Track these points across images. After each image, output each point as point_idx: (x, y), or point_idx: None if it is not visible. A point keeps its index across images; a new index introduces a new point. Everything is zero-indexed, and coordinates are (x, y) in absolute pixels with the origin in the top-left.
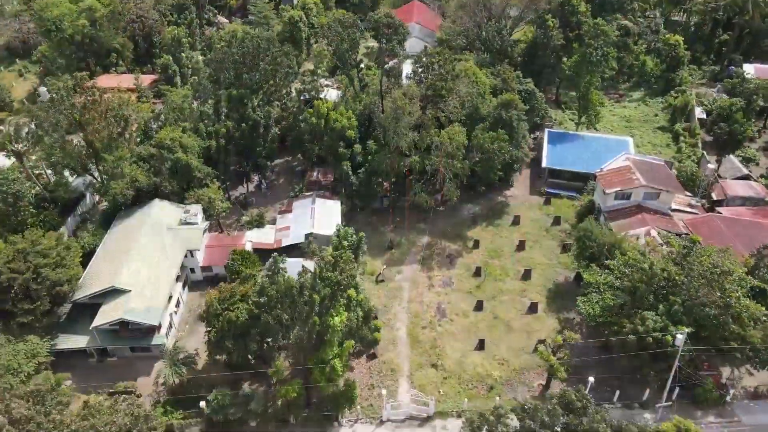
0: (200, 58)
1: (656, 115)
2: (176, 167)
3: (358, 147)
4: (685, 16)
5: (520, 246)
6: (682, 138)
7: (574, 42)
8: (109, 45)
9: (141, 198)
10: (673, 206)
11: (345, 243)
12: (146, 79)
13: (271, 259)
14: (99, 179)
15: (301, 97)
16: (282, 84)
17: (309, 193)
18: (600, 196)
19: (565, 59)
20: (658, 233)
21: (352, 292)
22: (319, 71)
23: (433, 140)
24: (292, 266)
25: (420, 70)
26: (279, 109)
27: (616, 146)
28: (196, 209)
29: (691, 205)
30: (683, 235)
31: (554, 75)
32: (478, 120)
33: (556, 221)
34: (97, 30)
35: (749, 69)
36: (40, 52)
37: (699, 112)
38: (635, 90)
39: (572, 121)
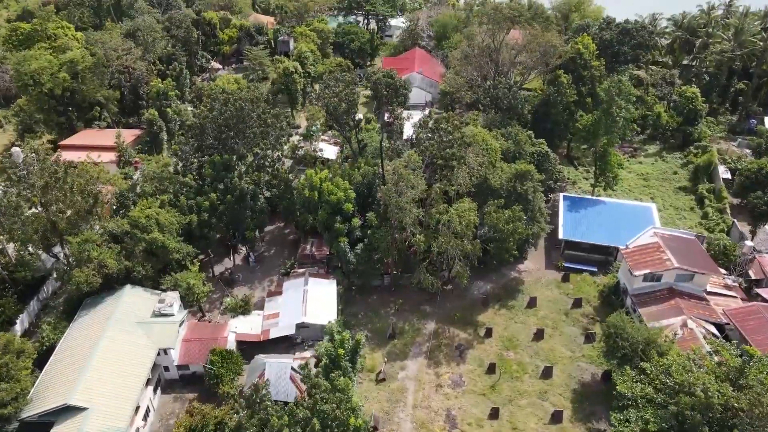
0: (190, 109)
1: (675, 172)
2: (151, 249)
3: (356, 221)
4: (696, 62)
5: (538, 334)
6: (707, 201)
7: (587, 97)
8: (93, 98)
9: (111, 282)
10: (708, 288)
11: (341, 350)
12: (130, 135)
13: (250, 387)
14: (64, 261)
15: (296, 153)
16: (271, 149)
17: (302, 270)
18: (626, 276)
19: (578, 116)
20: (697, 326)
21: (352, 419)
22: (312, 132)
23: (441, 217)
24: (280, 370)
25: (424, 135)
26: (269, 176)
27: (639, 214)
28: (173, 298)
29: (727, 286)
30: (725, 326)
31: (566, 131)
32: (489, 192)
33: (577, 303)
34: (79, 83)
35: None
36: (18, 106)
37: (723, 171)
38: (650, 143)
39: (586, 180)
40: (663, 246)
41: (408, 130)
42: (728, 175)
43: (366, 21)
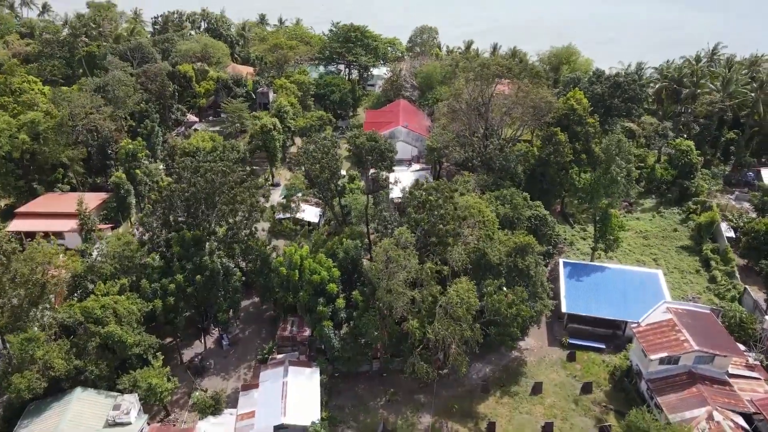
0: (162, 168)
1: (675, 230)
2: (107, 344)
3: (341, 302)
4: (685, 112)
5: (547, 428)
6: (713, 263)
7: (582, 153)
8: (56, 159)
9: (59, 383)
10: (730, 369)
11: None
12: (95, 199)
13: None
14: (6, 360)
15: (276, 216)
16: (244, 225)
17: (281, 357)
18: (639, 358)
19: (574, 174)
20: (724, 418)
21: None
22: (291, 194)
23: (440, 299)
24: None
25: (413, 207)
26: (243, 248)
27: (646, 281)
28: (130, 403)
29: (749, 366)
30: (754, 416)
31: (562, 189)
32: (487, 268)
33: (586, 388)
34: (41, 144)
35: (767, 174)
36: None
37: (725, 229)
38: (646, 197)
39: (584, 240)
40: (678, 324)
41: (396, 192)
42: (731, 233)
43: (348, 70)
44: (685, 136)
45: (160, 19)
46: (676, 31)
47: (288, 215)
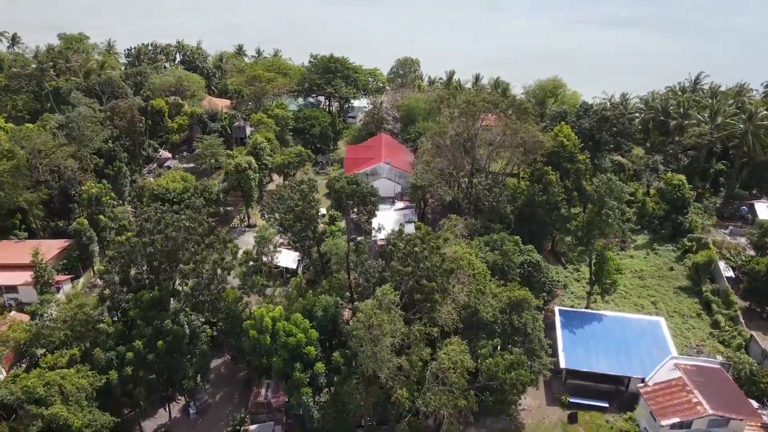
0: (130, 210)
1: (671, 268)
2: (51, 428)
3: (320, 366)
4: (673, 144)
5: None
6: (714, 307)
7: (573, 191)
8: (13, 203)
9: None
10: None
11: None
12: (55, 246)
13: None
14: None
15: (250, 261)
16: (210, 284)
17: (254, 429)
18: (648, 422)
19: (564, 211)
20: None
21: None
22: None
23: (427, 364)
24: None
25: (397, 256)
26: (210, 302)
27: (648, 331)
28: None
29: (764, 426)
30: None
31: (553, 228)
32: (480, 327)
33: None
34: None
35: (761, 209)
36: None
37: (724, 268)
38: (638, 233)
39: (577, 281)
40: (689, 384)
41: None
42: (731, 273)
43: (328, 102)
44: (674, 167)
45: (133, 51)
46: (655, 59)
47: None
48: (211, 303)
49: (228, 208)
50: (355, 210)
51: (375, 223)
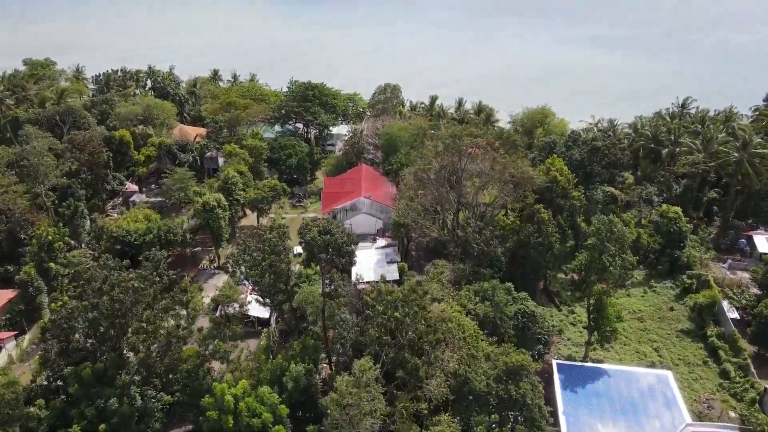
0: (89, 253)
1: (672, 308)
2: None
3: None
4: (665, 173)
5: None
6: (722, 354)
7: (568, 228)
8: None
9: None
10: None
11: None
12: (1, 297)
13: None
14: None
15: (217, 311)
16: (164, 355)
17: None
18: None
19: (556, 250)
20: None
21: None
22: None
23: None
24: None
25: (377, 321)
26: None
27: (654, 387)
28: None
29: None
30: None
31: (546, 268)
32: (473, 398)
33: None
34: None
35: (761, 241)
36: None
37: (728, 308)
38: (634, 268)
39: (573, 325)
40: None
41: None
42: (735, 315)
43: (306, 129)
44: (666, 197)
45: (101, 77)
46: (639, 80)
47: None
48: (165, 374)
49: (196, 249)
50: (330, 267)
51: (353, 273)
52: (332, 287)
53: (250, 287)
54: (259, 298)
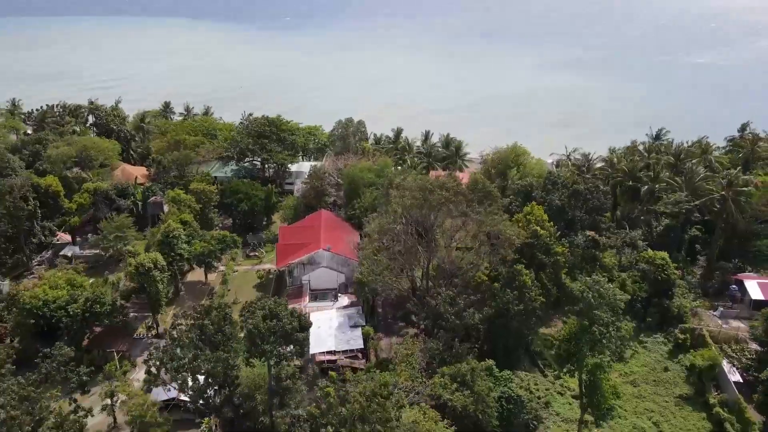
0: None
1: (666, 368)
2: None
3: None
4: (644, 208)
5: None
6: (728, 426)
7: (552, 286)
8: None
9: None
10: None
11: None
12: None
13: None
14: None
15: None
16: None
17: None
18: None
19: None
20: None
21: None
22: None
23: None
24: None
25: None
26: None
27: None
28: None
29: None
30: None
31: (529, 335)
32: None
33: None
34: None
35: (752, 286)
36: None
37: (729, 370)
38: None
39: (561, 395)
40: None
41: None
42: (738, 377)
43: (262, 168)
44: (648, 240)
45: (35, 114)
46: (610, 104)
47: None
48: None
49: (131, 315)
50: (276, 355)
51: (312, 335)
52: (281, 384)
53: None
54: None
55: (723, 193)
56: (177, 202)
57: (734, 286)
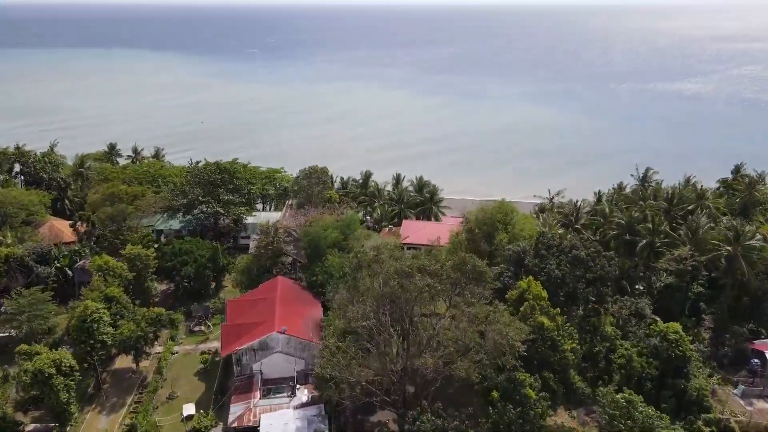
0: None
1: None
2: None
3: None
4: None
5: None
6: None
7: (560, 388)
8: None
9: None
10: None
11: None
12: None
13: None
14: None
15: None
16: None
17: None
18: None
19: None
20: None
21: None
22: None
23: None
24: None
25: None
26: None
27: None
28: None
29: None
30: None
31: None
32: None
33: None
34: None
35: None
36: None
37: None
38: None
39: None
40: None
41: None
42: None
43: (215, 221)
44: (650, 302)
45: None
46: (588, 140)
47: None
48: None
49: (32, 427)
50: None
51: None
52: None
53: None
54: None
55: (731, 248)
56: (104, 271)
57: (756, 361)
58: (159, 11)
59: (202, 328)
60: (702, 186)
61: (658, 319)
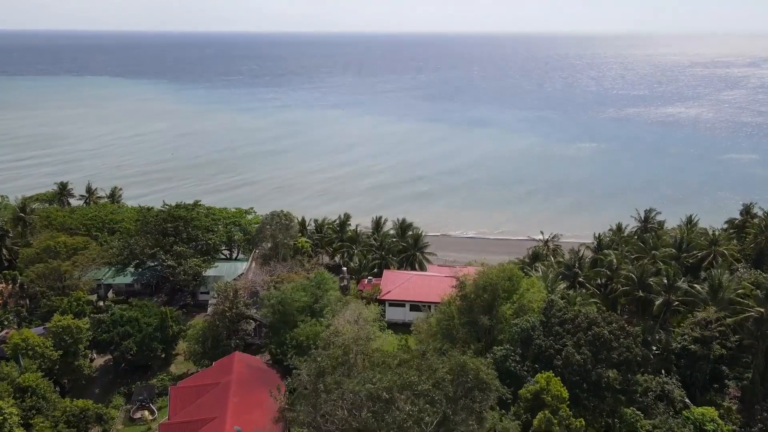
0: None
1: None
2: None
3: None
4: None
5: None
6: None
7: None
8: None
9: None
10: None
11: None
12: None
13: None
14: None
15: None
16: None
17: None
18: None
19: None
20: None
21: None
22: None
23: None
24: None
25: None
26: None
27: None
28: None
29: None
30: None
31: None
32: None
33: None
34: None
35: None
36: None
37: None
38: None
39: None
40: None
41: None
42: None
43: (170, 274)
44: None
45: None
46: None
47: None
48: None
49: None
50: None
51: None
52: None
53: None
54: None
55: (763, 310)
56: (22, 351)
57: None
58: (119, 38)
59: (145, 413)
60: (714, 231)
61: (689, 402)
